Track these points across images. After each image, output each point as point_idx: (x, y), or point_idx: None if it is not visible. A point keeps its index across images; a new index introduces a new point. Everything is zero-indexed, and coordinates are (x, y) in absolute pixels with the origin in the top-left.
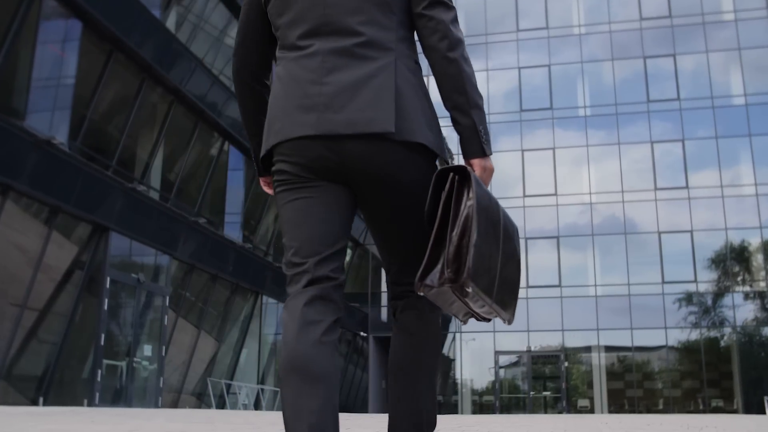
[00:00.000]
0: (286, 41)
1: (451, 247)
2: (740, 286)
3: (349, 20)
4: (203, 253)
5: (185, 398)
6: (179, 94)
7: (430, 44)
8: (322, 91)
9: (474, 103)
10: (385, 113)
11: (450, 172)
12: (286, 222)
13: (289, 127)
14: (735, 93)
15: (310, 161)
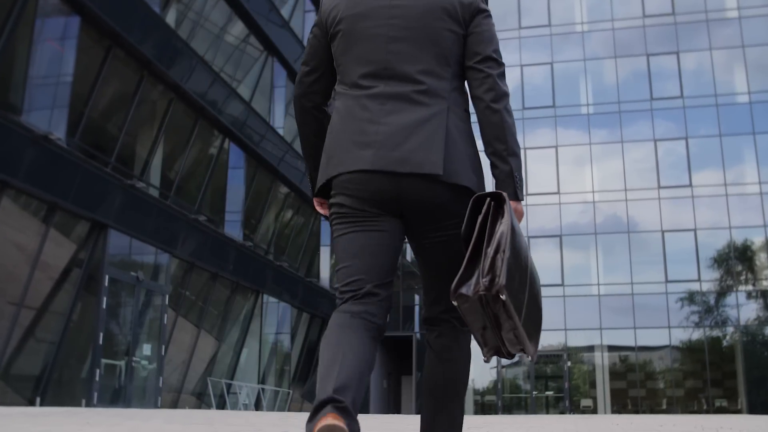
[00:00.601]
0: (348, 78)
1: (486, 261)
2: (744, 285)
3: (410, 68)
4: (203, 252)
5: (185, 398)
6: (179, 90)
7: (478, 94)
8: (379, 130)
9: (512, 151)
10: (435, 156)
11: (487, 197)
12: (342, 251)
13: (348, 161)
14: (739, 91)
15: (369, 194)
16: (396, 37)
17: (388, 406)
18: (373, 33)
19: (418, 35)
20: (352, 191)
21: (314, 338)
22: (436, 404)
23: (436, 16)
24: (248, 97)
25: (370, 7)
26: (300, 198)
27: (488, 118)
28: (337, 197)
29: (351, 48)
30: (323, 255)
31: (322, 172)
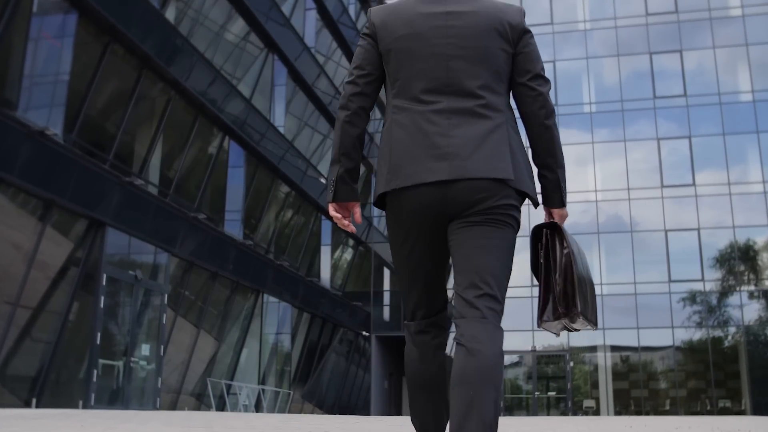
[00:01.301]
0: (407, 93)
1: (558, 289)
2: (747, 285)
3: (470, 84)
4: (203, 250)
5: (184, 399)
6: (179, 87)
7: (532, 111)
8: (450, 143)
9: (560, 164)
10: (505, 164)
11: (543, 228)
12: (403, 262)
13: (422, 173)
14: (742, 89)
15: (425, 205)
16: (455, 55)
17: (389, 407)
18: (432, 52)
19: (474, 54)
20: (418, 202)
21: (315, 338)
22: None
23: (489, 36)
24: (248, 94)
25: (427, 26)
26: (300, 197)
27: (541, 134)
28: (397, 207)
29: (410, 65)
30: (324, 255)
31: (384, 182)
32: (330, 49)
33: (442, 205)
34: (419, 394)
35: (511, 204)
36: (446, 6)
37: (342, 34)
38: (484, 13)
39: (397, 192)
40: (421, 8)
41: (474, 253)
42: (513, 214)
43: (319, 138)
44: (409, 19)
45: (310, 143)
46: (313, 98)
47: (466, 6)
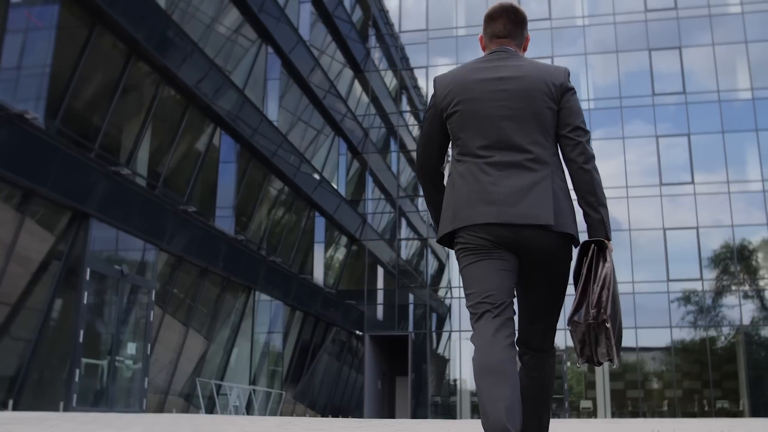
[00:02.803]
0: (468, 149)
1: (594, 296)
2: (746, 284)
3: (520, 140)
4: (192, 245)
5: (172, 400)
6: (168, 74)
7: (572, 157)
8: (500, 191)
9: (602, 203)
10: (547, 211)
11: (591, 244)
12: (471, 276)
13: (475, 216)
14: (741, 87)
15: (494, 237)
16: (506, 116)
17: (382, 408)
18: (486, 113)
19: (524, 113)
20: (481, 234)
21: (307, 337)
22: (527, 410)
23: (536, 96)
24: (241, 86)
25: (481, 90)
26: (294, 192)
27: (581, 177)
28: (463, 237)
29: (469, 125)
30: (317, 252)
31: (448, 223)
32: (324, 42)
33: (509, 241)
34: (486, 380)
35: (557, 246)
36: (499, 72)
37: (337, 27)
38: (531, 77)
39: (461, 230)
40: (477, 75)
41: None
42: (561, 256)
43: (313, 132)
44: (467, 86)
45: (304, 137)
46: (307, 92)
47: (516, 71)
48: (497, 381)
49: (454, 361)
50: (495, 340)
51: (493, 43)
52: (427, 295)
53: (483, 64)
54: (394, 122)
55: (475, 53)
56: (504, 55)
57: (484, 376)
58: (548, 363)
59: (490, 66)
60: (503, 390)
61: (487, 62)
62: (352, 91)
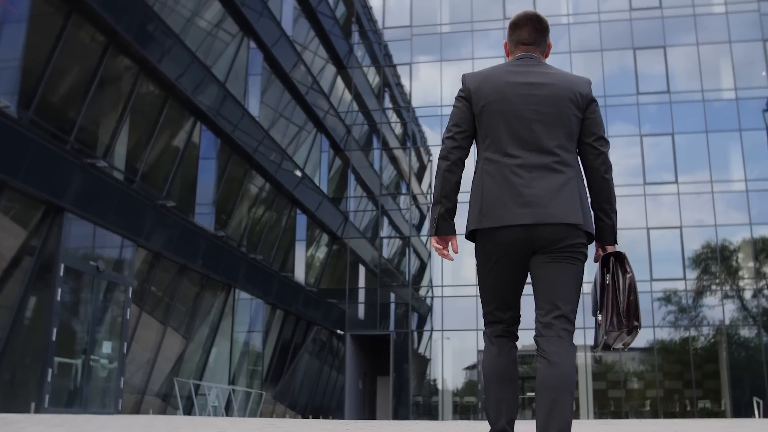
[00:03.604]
0: (498, 147)
1: (623, 306)
2: (729, 284)
3: (548, 143)
4: (171, 242)
5: (149, 400)
6: (147, 66)
7: (594, 166)
8: (532, 192)
9: (614, 210)
10: (576, 211)
11: (611, 257)
12: (487, 284)
13: (509, 217)
14: (725, 87)
15: (510, 241)
16: (536, 120)
17: (363, 408)
18: (518, 115)
19: (553, 119)
20: (503, 239)
21: (288, 337)
22: (551, 401)
23: (564, 104)
24: (222, 80)
25: (514, 94)
26: (275, 189)
27: (600, 185)
28: (485, 241)
29: (499, 125)
30: (298, 250)
31: (476, 220)
32: (307, 38)
33: (526, 242)
34: (494, 385)
35: (582, 242)
36: (529, 77)
37: (320, 22)
38: (560, 84)
39: (487, 230)
40: (508, 78)
41: (553, 286)
42: (583, 251)
43: (295, 129)
44: (499, 87)
45: (286, 134)
46: (289, 87)
47: (545, 78)
48: (502, 387)
49: (436, 361)
50: (500, 347)
51: (519, 50)
52: (409, 294)
53: (513, 68)
54: (376, 119)
55: (458, 50)
56: (532, 62)
57: (492, 381)
58: (571, 354)
59: (520, 71)
60: (507, 394)
61: (517, 67)
62: (335, 87)
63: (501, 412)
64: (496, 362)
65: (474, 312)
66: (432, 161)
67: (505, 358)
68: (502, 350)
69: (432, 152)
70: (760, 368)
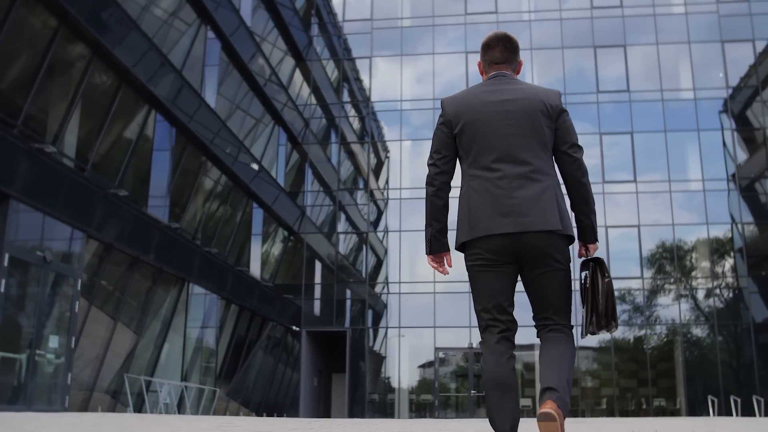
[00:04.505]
0: (479, 163)
1: (602, 307)
2: (685, 283)
3: (524, 154)
4: (123, 233)
5: (98, 397)
6: (101, 50)
7: (569, 172)
8: (513, 203)
9: (593, 211)
10: (554, 218)
11: (591, 262)
12: (479, 288)
13: (493, 227)
14: (684, 87)
15: (497, 248)
16: (511, 133)
17: (318, 406)
18: (495, 130)
19: (526, 131)
20: (491, 246)
21: (242, 332)
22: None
23: (536, 116)
24: (179, 67)
25: (489, 111)
26: (232, 182)
27: (578, 189)
28: (475, 250)
29: (479, 141)
30: (254, 244)
31: (465, 233)
32: (266, 29)
33: (512, 248)
34: (496, 394)
35: (563, 247)
36: (502, 95)
37: (280, 13)
38: (531, 98)
39: (476, 240)
40: (483, 97)
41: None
42: (565, 256)
43: (252, 121)
44: (475, 107)
45: (243, 125)
46: (248, 78)
47: (517, 94)
48: (504, 395)
49: (392, 359)
50: (500, 357)
51: (492, 69)
52: (365, 291)
53: (487, 87)
54: (335, 113)
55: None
56: (504, 80)
57: (494, 389)
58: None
59: (493, 89)
60: (509, 403)
61: (490, 86)
62: (293, 80)
63: (506, 418)
64: (495, 371)
65: (431, 309)
66: (389, 158)
67: (503, 368)
68: (501, 360)
69: (389, 148)
70: (713, 367)
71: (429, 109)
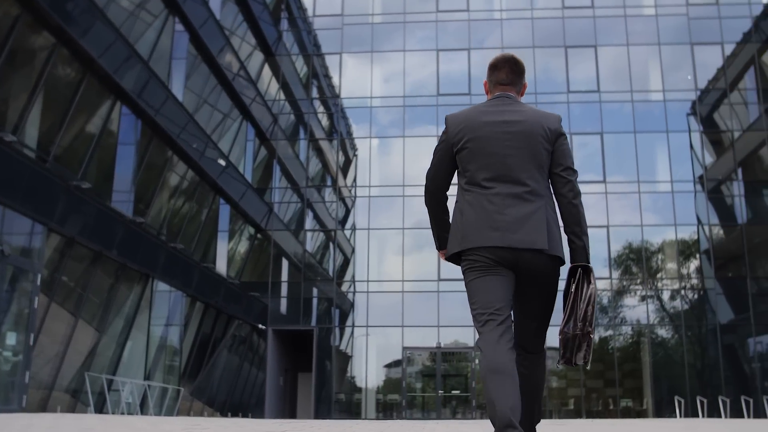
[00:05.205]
0: (474, 180)
1: (581, 312)
2: (653, 284)
3: (520, 175)
4: (86, 227)
5: (57, 396)
6: (64, 37)
7: (563, 193)
8: (504, 219)
9: (585, 232)
10: (542, 237)
11: (578, 268)
12: (476, 289)
13: (483, 240)
14: (653, 88)
15: (496, 257)
16: (509, 154)
17: (284, 405)
18: (493, 151)
19: (525, 153)
20: (485, 254)
21: (207, 330)
22: (526, 402)
23: (535, 139)
24: (146, 57)
25: (489, 131)
26: (198, 176)
27: (570, 210)
28: (470, 257)
29: (477, 160)
30: (221, 241)
31: (457, 244)
32: (235, 22)
33: (508, 260)
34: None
35: (548, 266)
36: (504, 116)
37: (249, 7)
38: (531, 121)
39: (468, 250)
40: (485, 117)
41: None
42: (552, 277)
43: (220, 115)
44: (476, 127)
45: (211, 120)
46: (216, 72)
47: (518, 116)
48: (503, 381)
49: (359, 358)
50: (498, 345)
51: (497, 89)
52: (333, 289)
53: (490, 107)
54: (304, 109)
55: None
56: (507, 101)
57: (492, 376)
58: (540, 364)
59: (496, 110)
60: (509, 388)
61: (493, 106)
62: (262, 75)
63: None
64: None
65: (399, 308)
66: (358, 155)
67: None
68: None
69: (358, 146)
70: (679, 368)
71: (399, 107)
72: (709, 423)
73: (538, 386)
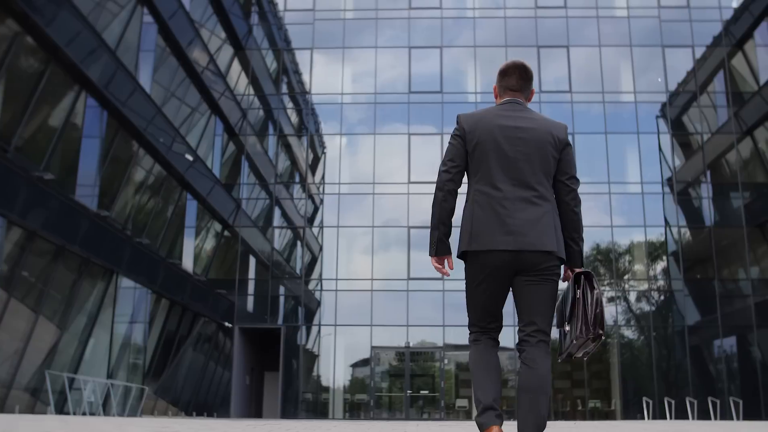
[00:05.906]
0: (486, 181)
1: (591, 317)
2: (621, 285)
3: (530, 179)
4: (48, 220)
5: (16, 395)
6: (27, 22)
7: (565, 200)
8: (515, 222)
9: (581, 238)
10: (551, 240)
11: (582, 275)
12: (476, 300)
13: (495, 243)
14: (624, 89)
15: (498, 263)
16: (521, 159)
17: (250, 405)
18: (506, 154)
19: (535, 158)
20: (492, 260)
21: (173, 328)
22: (529, 400)
23: (545, 146)
24: (113, 47)
25: (502, 135)
26: (165, 170)
27: (570, 217)
28: (475, 261)
29: (490, 161)
30: (187, 236)
31: (466, 243)
32: (205, 15)
33: (510, 264)
34: (480, 370)
35: (555, 265)
36: (516, 122)
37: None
38: (541, 129)
39: (476, 252)
40: (498, 121)
41: (532, 305)
42: (557, 272)
43: (188, 109)
44: (490, 129)
45: (179, 113)
46: (185, 64)
47: (529, 123)
48: (489, 372)
49: (327, 357)
50: (486, 351)
51: (507, 94)
52: (300, 287)
53: (502, 112)
54: (273, 105)
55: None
56: (518, 107)
57: (478, 368)
58: (543, 354)
59: (509, 115)
60: (493, 377)
61: (505, 111)
62: (232, 69)
63: (488, 391)
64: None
65: (367, 307)
66: (326, 153)
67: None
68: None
69: (327, 143)
70: (647, 369)
71: (369, 104)
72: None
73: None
